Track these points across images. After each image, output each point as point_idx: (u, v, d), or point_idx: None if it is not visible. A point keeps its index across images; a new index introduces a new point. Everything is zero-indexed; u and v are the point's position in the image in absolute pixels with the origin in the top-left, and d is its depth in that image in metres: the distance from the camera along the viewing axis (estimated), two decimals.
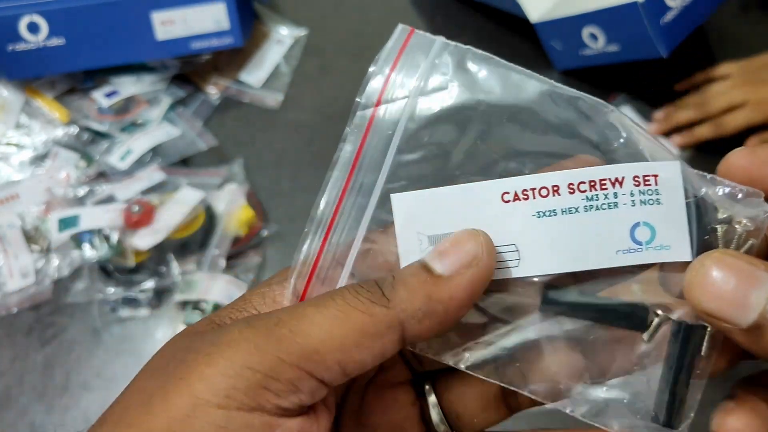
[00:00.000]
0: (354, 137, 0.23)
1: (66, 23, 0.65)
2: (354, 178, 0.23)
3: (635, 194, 0.22)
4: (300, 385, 0.19)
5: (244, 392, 0.18)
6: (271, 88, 0.74)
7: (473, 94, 0.23)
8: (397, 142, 0.23)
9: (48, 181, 0.65)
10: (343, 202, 0.23)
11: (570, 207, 0.22)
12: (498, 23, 0.78)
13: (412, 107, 0.23)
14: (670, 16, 0.61)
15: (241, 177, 0.67)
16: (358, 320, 0.20)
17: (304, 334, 0.19)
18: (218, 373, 0.18)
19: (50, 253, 0.63)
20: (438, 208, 0.23)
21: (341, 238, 0.23)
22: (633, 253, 0.22)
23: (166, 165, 0.67)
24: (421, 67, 0.23)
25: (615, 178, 0.22)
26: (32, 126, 0.69)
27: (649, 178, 0.22)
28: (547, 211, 0.22)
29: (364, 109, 0.23)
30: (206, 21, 0.68)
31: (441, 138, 0.23)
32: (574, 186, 0.22)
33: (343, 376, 0.20)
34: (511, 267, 0.22)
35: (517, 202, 0.22)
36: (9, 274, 0.62)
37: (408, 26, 0.24)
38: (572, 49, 0.70)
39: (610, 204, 0.22)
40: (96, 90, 0.70)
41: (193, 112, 0.72)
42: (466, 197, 0.22)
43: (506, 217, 0.22)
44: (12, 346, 0.61)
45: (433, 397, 0.24)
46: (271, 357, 0.19)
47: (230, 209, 0.64)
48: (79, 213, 0.61)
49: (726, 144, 0.69)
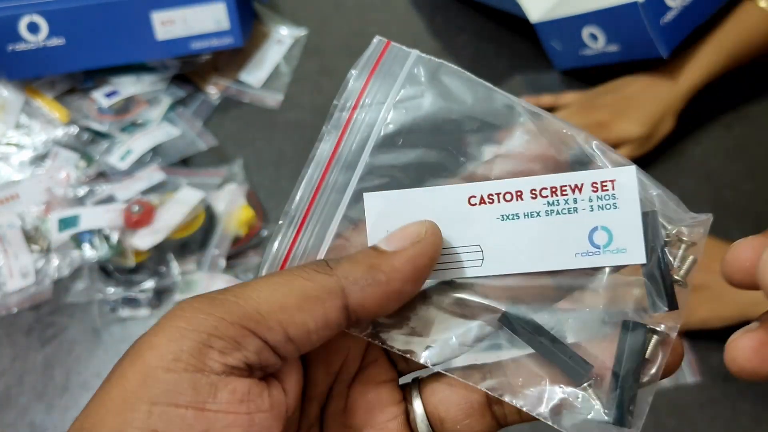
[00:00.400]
0: (331, 137, 0.25)
1: (66, 23, 0.65)
2: (328, 176, 0.25)
3: (593, 200, 0.23)
4: (243, 342, 0.19)
5: (190, 353, 0.19)
6: (271, 88, 0.74)
7: (446, 103, 0.25)
8: (372, 143, 0.25)
9: (48, 181, 0.65)
10: (316, 198, 0.25)
11: (532, 211, 0.23)
12: (498, 23, 0.78)
13: (387, 112, 0.25)
14: (670, 16, 0.61)
15: (241, 177, 0.67)
16: (299, 284, 0.21)
17: (246, 297, 0.20)
18: (165, 340, 0.19)
19: (50, 253, 0.63)
20: (408, 208, 0.24)
21: (313, 234, 0.24)
22: (591, 256, 0.23)
23: (166, 165, 0.67)
24: (398, 76, 0.25)
25: (575, 185, 0.23)
26: (32, 126, 0.69)
27: (606, 183, 0.23)
28: (510, 214, 0.23)
29: (342, 111, 0.25)
30: (206, 21, 0.68)
31: (414, 142, 0.25)
32: (537, 191, 0.23)
33: (287, 340, 0.20)
34: (475, 266, 0.23)
35: (482, 206, 0.24)
36: (9, 274, 0.62)
37: (384, 38, 0.26)
38: (572, 49, 0.70)
39: (569, 209, 0.23)
40: (96, 90, 0.70)
41: (193, 112, 0.72)
42: (434, 199, 0.24)
43: (472, 219, 0.24)
44: (12, 345, 0.61)
45: (418, 400, 0.24)
46: (215, 318, 0.19)
47: (230, 209, 0.64)
48: (79, 213, 0.61)
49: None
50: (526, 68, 0.76)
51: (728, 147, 0.70)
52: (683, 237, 0.23)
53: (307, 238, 0.24)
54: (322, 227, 0.24)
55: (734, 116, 0.72)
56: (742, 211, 0.66)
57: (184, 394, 0.19)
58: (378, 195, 0.24)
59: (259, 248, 0.65)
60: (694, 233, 0.23)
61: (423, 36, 0.79)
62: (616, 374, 0.22)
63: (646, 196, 0.23)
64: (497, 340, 0.24)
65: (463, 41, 0.78)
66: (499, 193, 0.23)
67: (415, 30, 0.79)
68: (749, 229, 0.64)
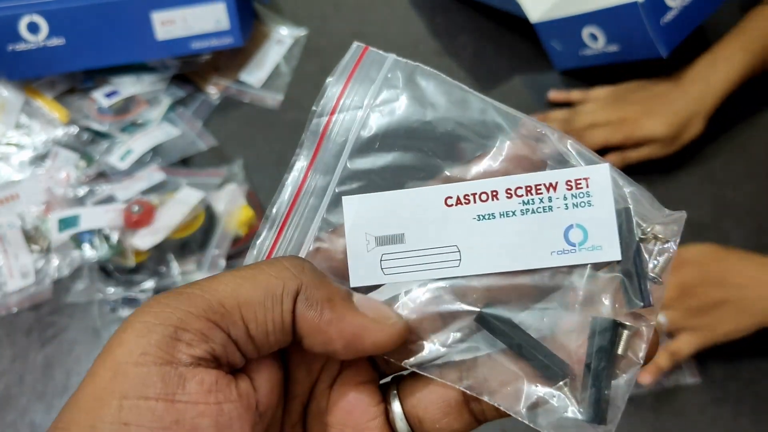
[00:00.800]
0: (309, 143, 0.25)
1: (66, 23, 0.65)
2: (308, 181, 0.25)
3: (568, 198, 0.23)
4: (210, 335, 0.20)
5: (158, 346, 0.19)
6: (271, 88, 0.74)
7: (421, 106, 0.25)
8: (349, 148, 0.25)
9: (48, 181, 0.65)
10: (297, 202, 0.25)
11: (508, 211, 0.24)
12: (498, 23, 0.78)
13: (365, 117, 0.25)
14: (670, 16, 0.61)
15: (241, 177, 0.67)
16: (265, 281, 0.21)
17: (212, 291, 0.21)
18: (134, 336, 0.19)
19: (50, 253, 0.63)
20: (386, 211, 0.24)
21: (294, 237, 0.25)
22: (567, 254, 0.23)
23: (166, 165, 0.67)
24: (374, 81, 0.25)
25: (549, 183, 0.23)
26: (32, 126, 0.69)
27: (580, 181, 0.23)
28: (486, 214, 0.24)
29: (320, 117, 0.25)
30: (206, 21, 0.68)
31: (390, 146, 0.25)
32: (512, 191, 0.23)
33: (247, 337, 0.21)
34: (452, 267, 0.24)
35: (459, 206, 0.24)
36: (9, 274, 0.62)
37: (362, 44, 0.26)
38: (572, 49, 0.70)
39: (545, 207, 0.23)
40: (96, 90, 0.70)
41: (193, 112, 0.72)
42: (412, 201, 0.24)
43: (449, 219, 0.24)
44: (12, 346, 0.61)
45: (396, 400, 0.24)
46: (181, 311, 0.20)
47: (230, 209, 0.64)
48: (79, 213, 0.61)
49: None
50: (526, 68, 0.76)
51: (729, 147, 0.70)
52: (658, 234, 0.23)
53: (288, 241, 0.25)
54: (301, 231, 0.25)
55: (735, 116, 0.72)
56: (744, 212, 0.66)
57: (154, 387, 0.19)
58: (356, 198, 0.24)
59: None
60: (668, 230, 0.23)
61: (423, 36, 0.79)
62: (588, 372, 0.22)
63: (620, 194, 0.23)
64: (475, 341, 0.24)
65: (463, 41, 0.78)
66: (474, 193, 0.24)
67: (415, 30, 0.79)
68: (750, 230, 0.64)
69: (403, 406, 0.24)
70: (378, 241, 0.24)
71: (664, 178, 0.68)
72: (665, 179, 0.68)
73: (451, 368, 0.23)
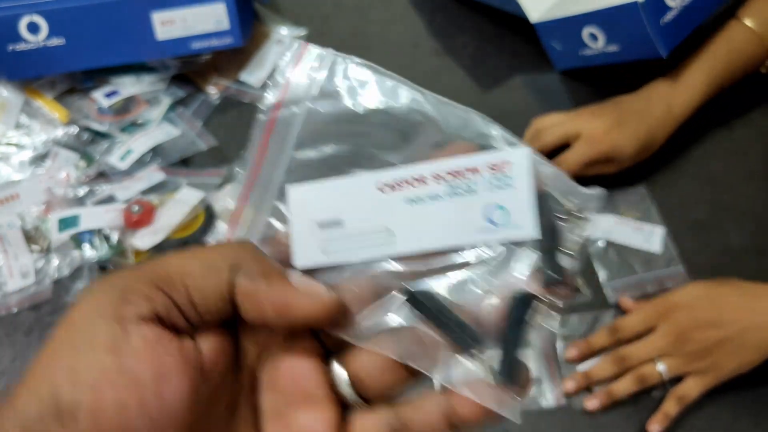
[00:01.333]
0: (257, 139, 0.27)
1: (66, 23, 0.66)
2: (259, 175, 0.27)
3: (491, 180, 0.25)
4: (154, 297, 0.22)
5: (108, 305, 0.22)
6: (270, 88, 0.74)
7: (358, 98, 0.27)
8: (293, 141, 0.27)
9: (48, 181, 0.65)
10: (249, 195, 0.27)
11: (435, 194, 0.26)
12: (498, 23, 0.78)
13: (305, 110, 0.27)
14: (670, 16, 0.61)
15: (241, 177, 0.67)
16: (205, 256, 0.24)
17: (161, 264, 0.23)
18: (88, 298, 0.22)
19: (50, 253, 0.63)
20: (326, 197, 0.26)
21: (246, 227, 0.27)
22: (489, 233, 0.25)
23: (166, 165, 0.67)
24: (314, 76, 0.28)
25: (473, 167, 0.25)
26: (32, 126, 0.69)
27: (502, 165, 0.25)
28: (416, 198, 0.26)
29: (267, 114, 0.27)
30: (206, 21, 0.68)
31: (331, 136, 0.27)
32: (440, 176, 0.26)
33: (190, 303, 0.23)
34: (387, 247, 0.26)
35: (391, 191, 0.26)
36: (9, 274, 0.62)
37: (303, 41, 0.28)
38: (572, 49, 0.70)
39: (468, 190, 0.25)
40: (96, 90, 0.70)
41: (193, 112, 0.72)
42: (349, 187, 0.26)
43: (382, 203, 0.26)
44: (12, 345, 0.61)
45: (340, 368, 0.26)
46: (130, 279, 0.23)
47: (230, 209, 0.64)
48: (79, 213, 0.61)
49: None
50: (526, 68, 0.76)
51: (729, 149, 0.70)
52: (576, 212, 0.25)
53: (242, 232, 0.27)
54: (253, 222, 0.27)
55: (735, 118, 0.72)
56: (743, 214, 0.66)
57: (102, 339, 0.21)
58: (299, 187, 0.27)
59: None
60: (586, 208, 0.25)
61: (423, 36, 0.79)
62: (502, 339, 0.25)
63: (539, 175, 0.25)
64: (403, 313, 0.26)
65: (463, 41, 0.78)
66: (404, 179, 0.26)
67: (414, 30, 0.79)
68: (750, 232, 0.64)
69: (348, 372, 0.26)
70: (319, 225, 0.26)
71: (664, 180, 0.68)
72: (665, 180, 0.68)
73: (383, 338, 0.25)
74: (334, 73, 0.27)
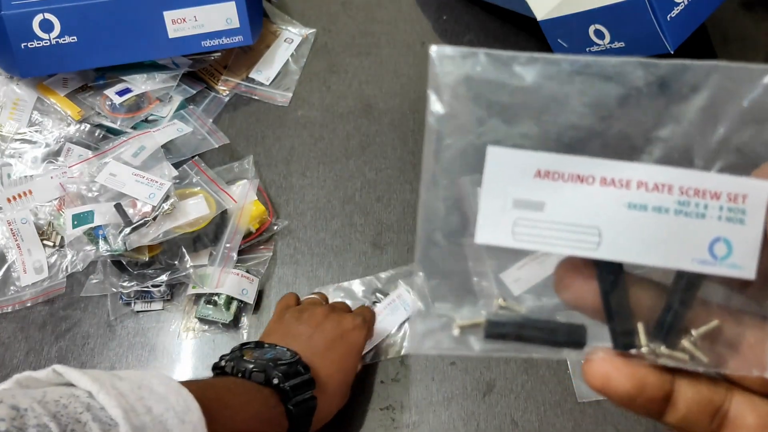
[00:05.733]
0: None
1: (78, 21, 0.66)
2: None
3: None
4: None
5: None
6: (280, 86, 0.75)
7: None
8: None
9: (60, 178, 0.66)
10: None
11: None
12: (504, 21, 0.79)
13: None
14: (677, 11, 0.62)
15: (252, 173, 0.68)
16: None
17: None
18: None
19: (64, 248, 0.64)
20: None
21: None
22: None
23: (177, 161, 0.67)
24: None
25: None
26: (45, 123, 0.70)
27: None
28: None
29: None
30: (217, 19, 0.68)
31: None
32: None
33: None
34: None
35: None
36: (23, 269, 0.63)
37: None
38: (578, 46, 0.71)
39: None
40: (108, 87, 0.71)
41: (204, 110, 0.73)
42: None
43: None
44: (26, 339, 0.61)
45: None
46: None
47: (241, 205, 0.64)
48: (92, 209, 0.62)
49: None
50: None
51: None
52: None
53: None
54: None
55: None
56: None
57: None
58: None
59: (270, 243, 0.65)
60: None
61: (429, 34, 0.80)
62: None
63: None
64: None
65: (469, 39, 0.79)
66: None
67: (421, 28, 0.80)
68: None
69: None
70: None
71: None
72: None
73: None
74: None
